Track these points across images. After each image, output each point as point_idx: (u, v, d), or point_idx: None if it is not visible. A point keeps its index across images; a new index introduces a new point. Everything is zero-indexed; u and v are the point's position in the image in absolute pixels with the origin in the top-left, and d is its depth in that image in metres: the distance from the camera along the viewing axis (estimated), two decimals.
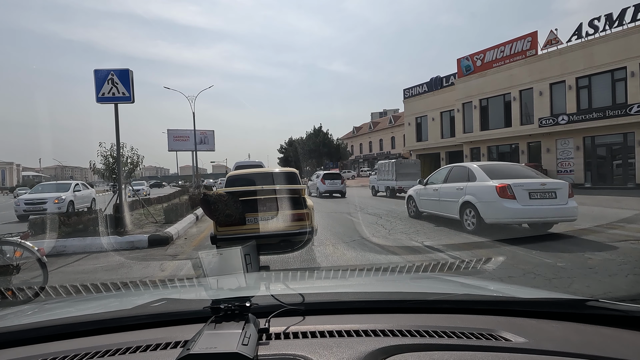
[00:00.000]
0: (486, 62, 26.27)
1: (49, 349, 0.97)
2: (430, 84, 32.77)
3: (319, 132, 50.18)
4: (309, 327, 1.00)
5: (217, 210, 4.81)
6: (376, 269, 3.50)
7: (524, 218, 6.74)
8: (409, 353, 0.86)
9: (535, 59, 23.07)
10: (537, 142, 23.56)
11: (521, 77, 23.69)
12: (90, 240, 6.82)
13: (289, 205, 5.11)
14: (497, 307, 1.19)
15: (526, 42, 23.64)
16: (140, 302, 1.32)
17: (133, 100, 7.55)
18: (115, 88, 7.50)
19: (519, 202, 6.54)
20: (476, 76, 26.81)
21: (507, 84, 24.59)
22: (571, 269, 4.63)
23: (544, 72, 22.44)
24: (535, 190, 6.65)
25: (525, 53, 23.73)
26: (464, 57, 27.84)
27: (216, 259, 1.44)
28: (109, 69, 7.50)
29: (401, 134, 47.89)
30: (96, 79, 7.47)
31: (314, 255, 5.82)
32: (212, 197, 4.85)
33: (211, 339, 0.83)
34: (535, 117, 22.95)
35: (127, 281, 2.83)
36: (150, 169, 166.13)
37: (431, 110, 32.65)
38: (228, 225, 4.96)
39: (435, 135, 32.55)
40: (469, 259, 4.23)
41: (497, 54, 25.50)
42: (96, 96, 7.45)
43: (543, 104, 22.61)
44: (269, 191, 5.22)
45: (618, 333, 1.02)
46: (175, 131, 52.47)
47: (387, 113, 68.24)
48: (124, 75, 7.53)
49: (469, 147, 28.32)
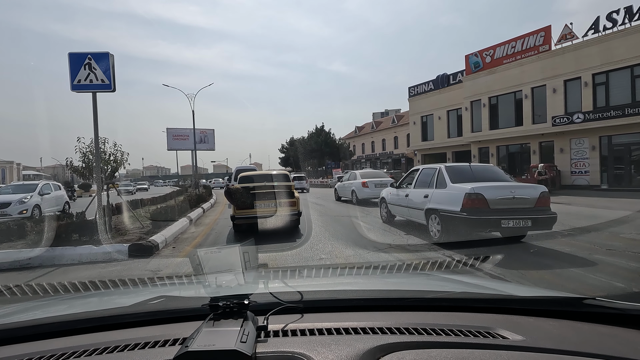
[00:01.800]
0: (496, 59, 25.23)
1: (47, 346, 0.97)
2: (437, 82, 31.71)
3: (321, 131, 49.15)
4: (308, 325, 1.00)
5: (236, 198, 7.14)
6: (374, 267, 3.47)
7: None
8: (407, 351, 0.86)
9: (549, 55, 22.04)
10: (549, 142, 22.54)
11: (533, 74, 22.66)
12: (60, 251, 5.81)
13: (284, 196, 7.47)
14: (494, 305, 1.20)
15: (539, 37, 22.61)
16: (138, 299, 1.35)
17: (114, 89, 6.56)
18: (94, 74, 6.49)
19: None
20: (485, 73, 25.77)
21: (518, 81, 23.56)
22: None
23: (557, 69, 21.41)
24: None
25: (537, 48, 22.69)
26: (473, 53, 26.81)
27: (214, 257, 1.35)
28: (85, 52, 6.50)
29: (404, 133, 46.82)
30: (71, 64, 6.46)
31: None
32: (233, 189, 7.29)
33: (210, 336, 0.82)
34: (548, 115, 21.93)
35: (126, 278, 2.76)
36: (152, 169, 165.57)
37: (437, 108, 31.58)
38: (243, 209, 7.24)
39: (441, 135, 31.49)
40: (467, 258, 4.18)
41: (507, 49, 24.46)
42: (71, 83, 6.46)
43: (557, 102, 21.58)
44: (270, 186, 7.68)
45: (615, 331, 1.02)
46: (174, 130, 51.55)
47: (388, 113, 67.21)
48: (103, 60, 6.53)
49: (477, 146, 27.30)
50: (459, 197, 5.95)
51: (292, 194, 7.70)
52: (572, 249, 5.64)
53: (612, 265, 4.78)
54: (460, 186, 6.14)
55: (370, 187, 13.79)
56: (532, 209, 5.88)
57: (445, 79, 31.07)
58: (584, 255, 5.25)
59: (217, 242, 7.37)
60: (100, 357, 0.89)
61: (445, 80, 31.07)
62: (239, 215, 7.36)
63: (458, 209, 5.92)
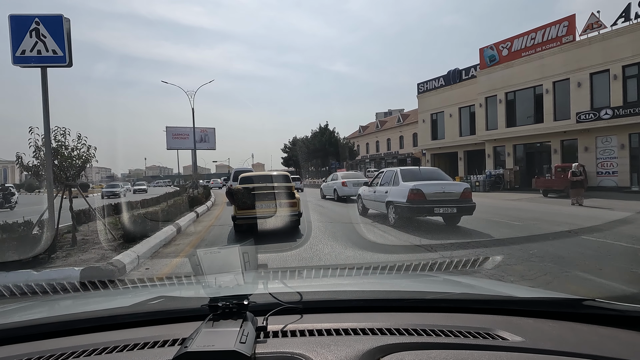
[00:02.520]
0: (513, 52, 23.59)
1: (46, 346, 0.97)
2: (448, 77, 30.04)
3: (325, 130, 47.55)
4: (307, 326, 1.00)
5: (237, 199, 7.18)
6: (374, 268, 3.27)
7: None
8: (406, 352, 0.86)
9: (573, 46, 20.41)
10: (572, 140, 20.91)
11: (555, 67, 21.03)
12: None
13: (284, 196, 7.44)
14: (494, 306, 1.20)
15: (562, 27, 20.98)
16: (138, 299, 1.34)
17: (69, 63, 5.02)
18: (42, 43, 4.97)
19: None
20: (502, 67, 24.14)
21: (538, 74, 21.93)
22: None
23: (583, 61, 19.78)
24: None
25: (560, 39, 21.06)
26: (488, 46, 25.18)
27: (214, 257, 1.32)
28: (33, 14, 4.96)
29: (410, 133, 45.24)
30: (13, 30, 4.93)
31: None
32: (234, 190, 7.39)
33: (209, 336, 0.82)
34: (572, 111, 20.31)
35: (125, 278, 2.73)
36: (154, 169, 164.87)
37: (448, 105, 29.90)
38: (244, 209, 7.21)
39: (452, 133, 29.82)
40: (467, 259, 4.19)
41: (526, 41, 22.81)
42: (12, 55, 4.92)
43: (582, 97, 19.95)
44: (271, 187, 7.67)
45: (614, 332, 1.02)
46: (174, 129, 50.17)
47: (392, 113, 65.77)
48: (56, 25, 5.00)
49: (491, 145, 25.67)
50: (405, 192, 7.87)
51: (292, 194, 7.77)
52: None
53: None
54: (407, 184, 8.05)
55: (348, 186, 15.93)
56: (458, 200, 7.82)
57: (457, 74, 29.42)
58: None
59: None
60: (99, 357, 0.89)
61: (457, 75, 29.41)
62: (240, 215, 7.40)
63: (405, 200, 7.87)
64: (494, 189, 22.75)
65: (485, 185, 22.71)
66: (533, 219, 9.26)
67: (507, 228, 7.94)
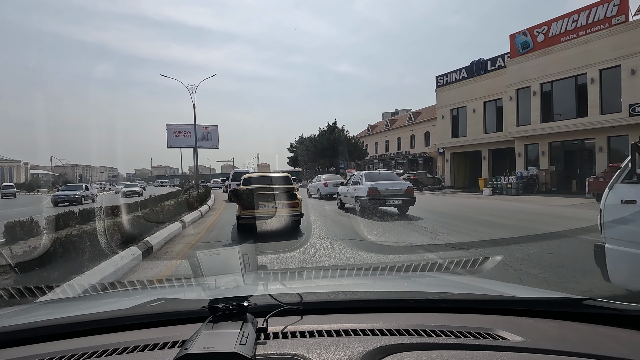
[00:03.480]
0: (551, 37, 20.90)
1: (46, 349, 0.96)
2: (471, 69, 27.30)
3: (334, 128, 45.00)
4: (307, 327, 0.99)
5: (241, 199, 7.62)
6: (374, 268, 3.26)
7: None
8: (406, 352, 0.86)
9: (626, 28, 17.68)
10: (622, 137, 18.16)
11: (603, 53, 18.33)
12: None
13: (286, 197, 7.89)
14: (494, 306, 1.19)
15: (612, 6, 18.25)
16: (137, 301, 1.31)
17: None
18: None
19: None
20: (537, 54, 21.45)
21: (581, 62, 19.22)
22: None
23: (638, 44, 17.10)
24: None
25: (609, 21, 18.34)
26: (520, 32, 22.47)
27: (214, 259, 1.31)
28: None
29: (422, 132, 42.61)
30: None
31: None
32: (238, 190, 7.82)
33: (209, 338, 0.82)
34: (623, 103, 17.61)
35: (125, 281, 2.62)
36: (160, 168, 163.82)
37: (472, 100, 27.16)
38: (248, 209, 7.61)
39: (476, 130, 27.07)
40: (466, 259, 4.20)
41: (567, 24, 20.10)
42: None
43: (636, 86, 17.23)
44: (274, 188, 8.13)
45: (614, 332, 1.02)
46: (175, 126, 47.80)
47: (399, 112, 63.29)
48: None
49: (522, 143, 22.94)
50: (366, 189, 10.95)
51: (294, 195, 8.07)
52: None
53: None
54: (368, 183, 11.17)
55: (329, 186, 18.84)
56: (403, 194, 10.98)
57: (482, 65, 26.68)
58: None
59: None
60: (99, 359, 0.88)
61: (481, 66, 26.68)
62: (245, 215, 7.62)
63: (365, 195, 10.93)
64: (527, 192, 20.11)
65: (518, 188, 20.07)
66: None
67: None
